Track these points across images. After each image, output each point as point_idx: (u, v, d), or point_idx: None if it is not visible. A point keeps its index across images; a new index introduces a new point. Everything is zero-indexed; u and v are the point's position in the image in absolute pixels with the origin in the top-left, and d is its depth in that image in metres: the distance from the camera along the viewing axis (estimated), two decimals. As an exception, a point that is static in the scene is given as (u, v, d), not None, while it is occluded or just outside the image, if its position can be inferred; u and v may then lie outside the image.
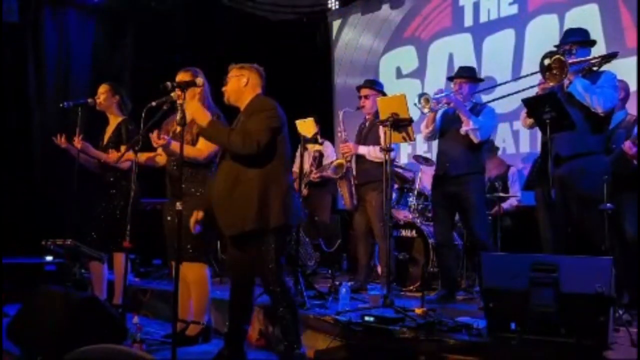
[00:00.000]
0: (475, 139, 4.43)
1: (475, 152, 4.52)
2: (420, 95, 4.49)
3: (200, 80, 3.53)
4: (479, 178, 4.56)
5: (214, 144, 3.41)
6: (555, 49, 3.85)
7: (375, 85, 5.18)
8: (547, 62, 3.61)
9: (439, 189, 4.64)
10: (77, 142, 4.45)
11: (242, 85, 3.39)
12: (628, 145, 3.98)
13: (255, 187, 3.21)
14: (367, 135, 5.06)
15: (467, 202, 4.46)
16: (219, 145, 3.38)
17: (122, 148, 4.25)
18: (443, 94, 4.50)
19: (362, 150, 4.96)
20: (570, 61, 3.66)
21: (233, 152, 3.25)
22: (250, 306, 3.50)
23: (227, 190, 3.27)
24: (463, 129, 4.43)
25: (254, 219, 3.19)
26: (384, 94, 5.00)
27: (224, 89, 3.42)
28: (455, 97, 4.48)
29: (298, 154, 5.72)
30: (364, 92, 5.12)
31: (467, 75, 4.63)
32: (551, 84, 3.66)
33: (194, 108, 3.32)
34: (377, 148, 4.80)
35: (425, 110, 4.50)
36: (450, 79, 4.82)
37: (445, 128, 4.64)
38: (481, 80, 4.80)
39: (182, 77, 3.75)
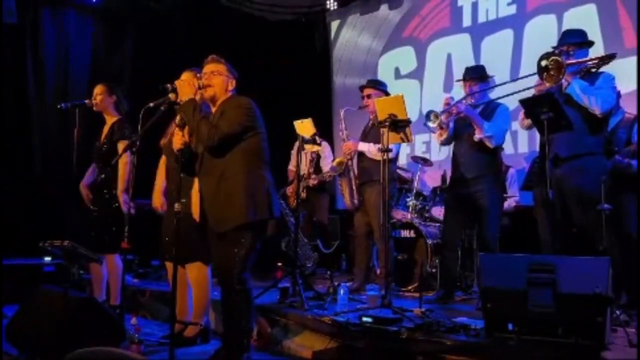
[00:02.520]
0: (490, 145, 4.40)
1: (490, 154, 4.49)
2: (429, 113, 4.43)
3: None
4: (494, 179, 4.51)
5: (186, 122, 3.34)
6: (552, 49, 3.86)
7: (378, 85, 5.18)
8: (544, 63, 3.62)
9: (454, 191, 4.62)
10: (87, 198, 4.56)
11: (229, 88, 3.42)
12: (618, 160, 4.02)
13: (241, 183, 3.24)
14: (368, 134, 5.06)
15: (482, 202, 4.41)
16: (189, 125, 3.32)
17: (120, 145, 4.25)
18: (451, 105, 4.43)
19: (362, 147, 4.96)
20: (567, 62, 3.67)
21: (199, 138, 3.29)
22: None
23: (214, 188, 3.30)
24: (476, 137, 4.39)
25: (244, 214, 3.21)
26: (387, 94, 4.98)
27: (208, 80, 3.37)
28: (466, 106, 4.41)
29: (294, 152, 5.71)
30: (367, 91, 5.11)
31: (475, 77, 4.59)
32: (548, 85, 3.66)
33: (183, 83, 3.32)
34: (378, 145, 4.79)
35: (436, 126, 4.44)
36: (459, 81, 4.77)
37: (459, 132, 4.61)
38: (490, 77, 4.71)
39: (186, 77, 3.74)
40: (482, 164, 4.46)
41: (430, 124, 4.42)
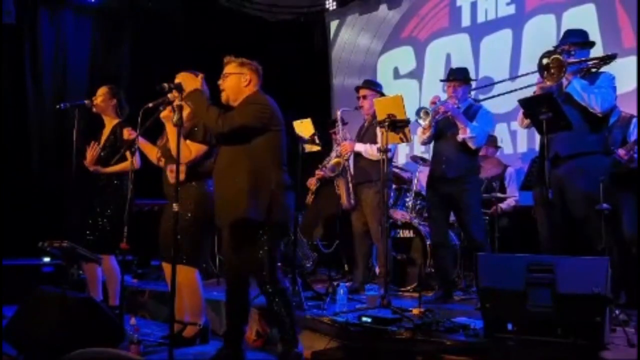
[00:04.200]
0: (472, 146, 4.45)
1: (471, 155, 4.53)
2: (419, 110, 4.48)
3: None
4: (475, 179, 4.58)
5: (194, 110, 3.34)
6: (553, 49, 3.86)
7: (374, 86, 5.18)
8: (545, 61, 3.62)
9: (434, 190, 4.64)
10: (90, 164, 4.50)
11: (243, 85, 3.35)
12: (623, 153, 4.01)
13: (245, 180, 3.22)
14: (364, 135, 5.06)
15: (463, 203, 4.47)
16: (197, 113, 3.33)
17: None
18: (439, 104, 4.48)
19: (359, 147, 4.96)
20: (568, 61, 3.67)
21: (207, 124, 3.32)
22: (246, 306, 3.50)
23: (222, 182, 3.30)
24: (460, 137, 4.43)
25: (244, 212, 3.19)
26: (383, 95, 4.99)
27: (221, 84, 3.37)
28: (452, 105, 4.46)
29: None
30: (363, 92, 5.12)
31: (460, 78, 4.62)
32: (549, 83, 3.66)
33: (186, 76, 3.32)
34: (374, 145, 4.80)
35: (426, 123, 4.48)
36: (443, 81, 4.79)
37: (441, 131, 4.63)
38: (474, 80, 4.78)
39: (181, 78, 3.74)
40: (464, 165, 4.50)
41: (422, 122, 4.47)
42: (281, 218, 3.29)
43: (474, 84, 4.81)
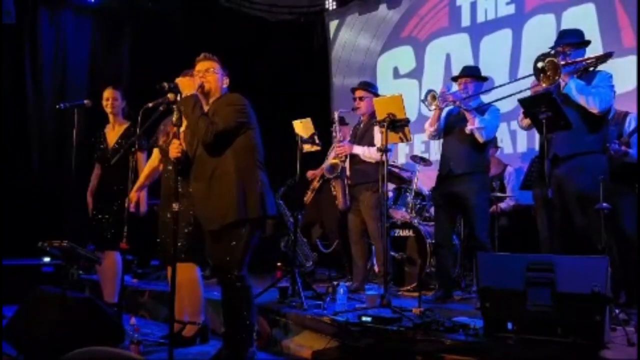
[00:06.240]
0: (480, 138, 4.42)
1: (479, 152, 4.51)
2: (427, 92, 4.47)
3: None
4: (482, 178, 4.54)
5: (185, 117, 3.34)
6: (549, 50, 3.86)
7: (369, 87, 5.18)
8: (540, 65, 3.62)
9: (441, 189, 4.62)
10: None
11: (224, 85, 3.45)
12: (614, 149, 4.01)
13: (233, 180, 3.25)
14: (362, 137, 5.05)
15: (469, 201, 4.43)
16: (188, 120, 3.32)
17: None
18: (449, 92, 4.48)
19: (357, 150, 4.95)
20: (563, 62, 3.67)
21: (196, 134, 3.29)
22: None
23: (205, 186, 3.31)
24: (468, 128, 4.41)
25: (234, 212, 3.22)
26: (378, 96, 4.99)
27: (202, 78, 3.39)
28: (461, 95, 4.47)
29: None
30: (359, 93, 5.12)
31: (472, 74, 4.61)
32: (545, 85, 3.66)
33: (184, 80, 3.34)
34: (372, 148, 4.80)
35: (432, 107, 4.47)
36: (454, 79, 4.76)
37: (450, 127, 4.62)
38: (486, 79, 4.75)
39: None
40: (472, 161, 4.48)
41: (428, 105, 4.46)
42: (266, 213, 3.32)
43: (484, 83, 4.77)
